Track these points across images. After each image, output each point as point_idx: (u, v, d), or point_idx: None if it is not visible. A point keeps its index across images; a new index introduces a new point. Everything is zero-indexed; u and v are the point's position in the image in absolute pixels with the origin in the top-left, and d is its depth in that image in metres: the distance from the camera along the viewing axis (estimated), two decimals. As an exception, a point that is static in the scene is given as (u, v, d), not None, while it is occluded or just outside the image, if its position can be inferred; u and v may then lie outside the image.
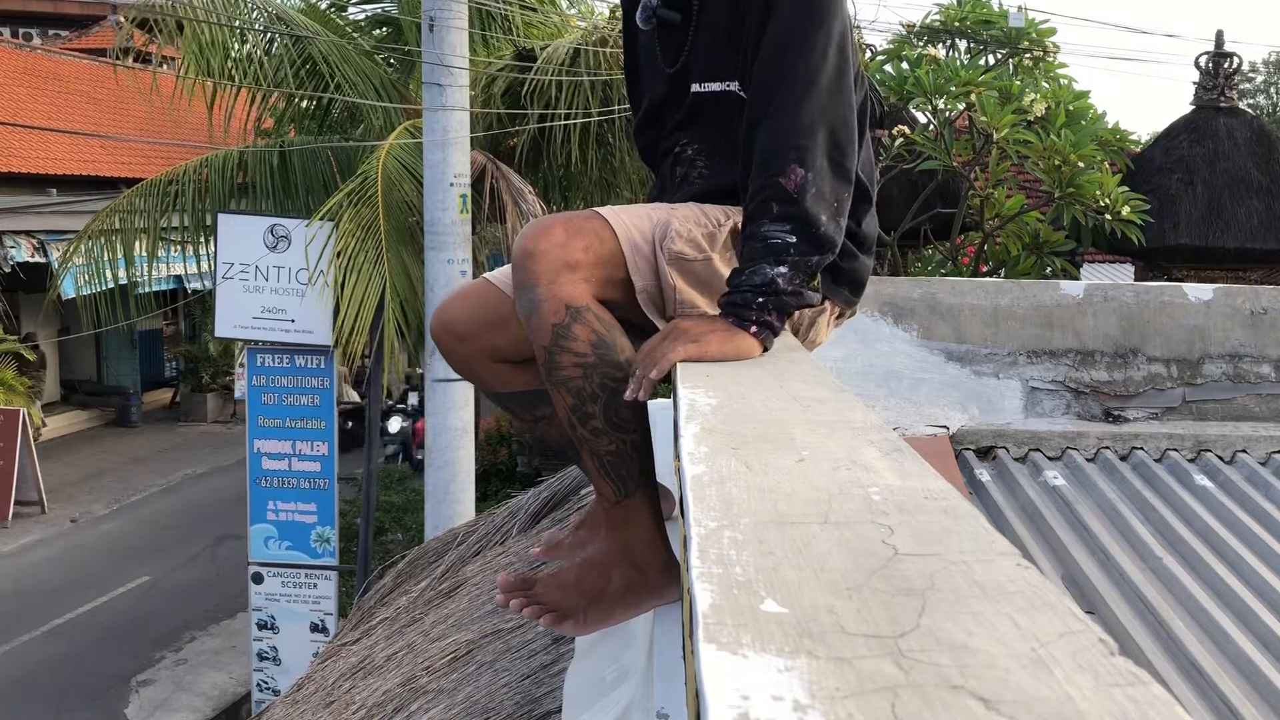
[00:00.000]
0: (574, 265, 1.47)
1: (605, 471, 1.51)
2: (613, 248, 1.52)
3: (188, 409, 19.85)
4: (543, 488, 3.86)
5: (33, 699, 9.66)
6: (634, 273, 1.54)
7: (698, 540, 0.74)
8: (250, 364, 9.04)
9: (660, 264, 1.55)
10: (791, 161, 1.51)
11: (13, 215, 13.88)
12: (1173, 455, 3.69)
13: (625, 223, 1.55)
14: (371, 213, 8.69)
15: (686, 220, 1.60)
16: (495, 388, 1.74)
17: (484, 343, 1.68)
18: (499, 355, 1.69)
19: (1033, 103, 9.06)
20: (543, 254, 1.46)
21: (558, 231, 1.48)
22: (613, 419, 1.47)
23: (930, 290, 3.87)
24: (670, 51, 1.78)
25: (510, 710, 2.26)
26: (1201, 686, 2.54)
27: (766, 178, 1.52)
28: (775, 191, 1.51)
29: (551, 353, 1.45)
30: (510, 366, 1.70)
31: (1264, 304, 3.91)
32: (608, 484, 1.52)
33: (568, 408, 1.48)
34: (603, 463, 1.51)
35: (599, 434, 1.48)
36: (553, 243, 1.46)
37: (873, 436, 1.04)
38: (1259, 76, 39.67)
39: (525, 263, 1.46)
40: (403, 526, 11.24)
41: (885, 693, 0.53)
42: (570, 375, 1.46)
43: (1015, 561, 0.71)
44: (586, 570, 1.60)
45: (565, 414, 1.49)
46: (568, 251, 1.47)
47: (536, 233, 1.48)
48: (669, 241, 1.56)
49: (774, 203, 1.51)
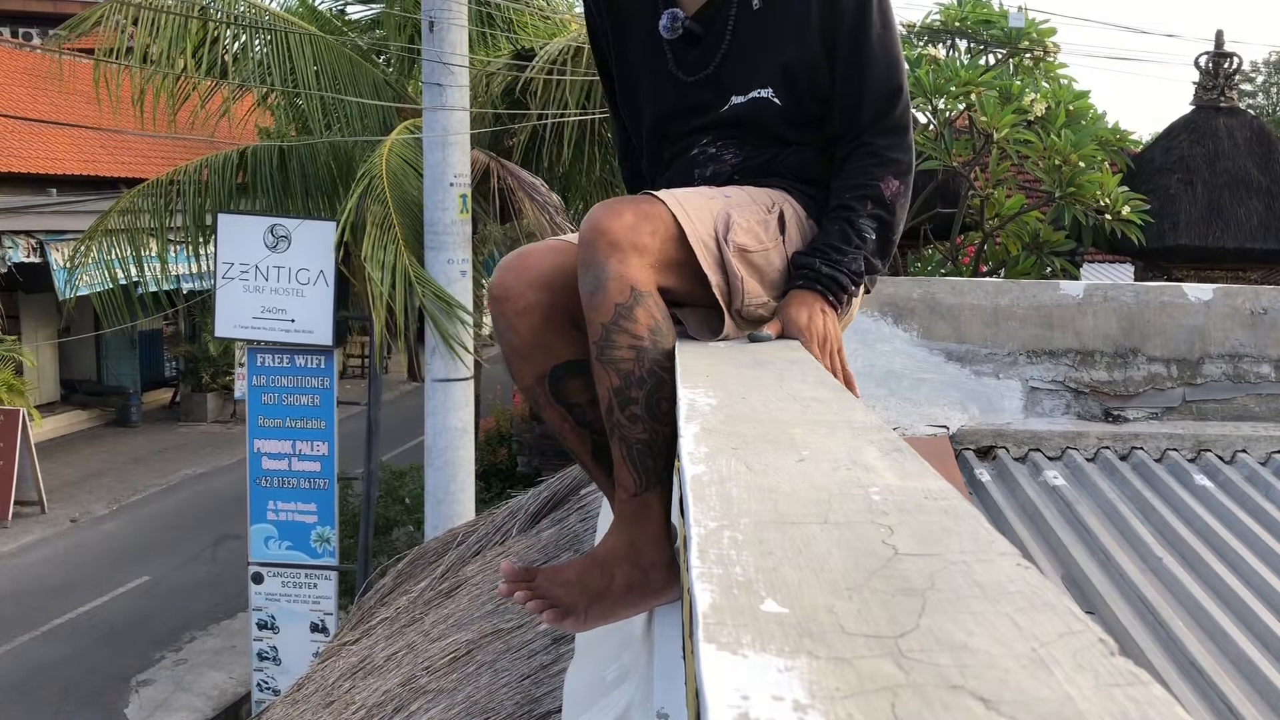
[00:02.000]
0: (642, 249, 1.50)
1: (632, 460, 1.52)
2: (675, 235, 1.56)
3: (188, 409, 19.84)
4: (543, 488, 3.86)
5: (33, 699, 9.66)
6: (706, 267, 1.59)
7: (698, 540, 0.74)
8: (250, 364, 9.04)
9: (727, 258, 1.61)
10: (890, 174, 1.73)
11: (13, 215, 13.88)
12: (1173, 455, 3.69)
13: (689, 214, 1.59)
14: (383, 209, 8.68)
15: (743, 209, 1.68)
16: (563, 355, 1.65)
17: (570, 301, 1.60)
18: (577, 318, 1.61)
19: (1033, 103, 9.06)
20: (614, 234, 1.49)
21: (628, 215, 1.52)
22: (652, 408, 1.50)
23: (930, 290, 3.87)
24: (690, 62, 1.83)
25: (510, 710, 2.26)
26: (1201, 686, 2.54)
27: (868, 179, 1.72)
28: (874, 191, 1.72)
29: (609, 331, 1.48)
30: (581, 333, 1.62)
31: (1264, 304, 3.91)
32: (631, 474, 1.53)
33: (611, 389, 1.49)
34: (632, 451, 1.51)
35: (635, 420, 1.50)
36: (624, 225, 1.50)
37: (873, 436, 1.04)
38: (1260, 76, 39.65)
39: (595, 240, 1.49)
40: (414, 521, 11.21)
41: (885, 693, 0.53)
42: (623, 356, 1.48)
43: (1015, 561, 0.71)
44: (589, 567, 1.60)
45: (607, 395, 1.50)
46: (637, 235, 1.51)
47: (607, 214, 1.52)
48: (733, 234, 1.63)
49: (870, 200, 1.71)
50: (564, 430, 1.71)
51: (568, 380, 1.66)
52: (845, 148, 1.77)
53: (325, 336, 8.74)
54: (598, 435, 1.68)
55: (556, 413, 1.70)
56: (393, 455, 13.69)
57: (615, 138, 2.12)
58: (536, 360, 1.66)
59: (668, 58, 1.85)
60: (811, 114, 1.80)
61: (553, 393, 1.67)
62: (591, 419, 1.67)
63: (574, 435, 1.70)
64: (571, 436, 1.71)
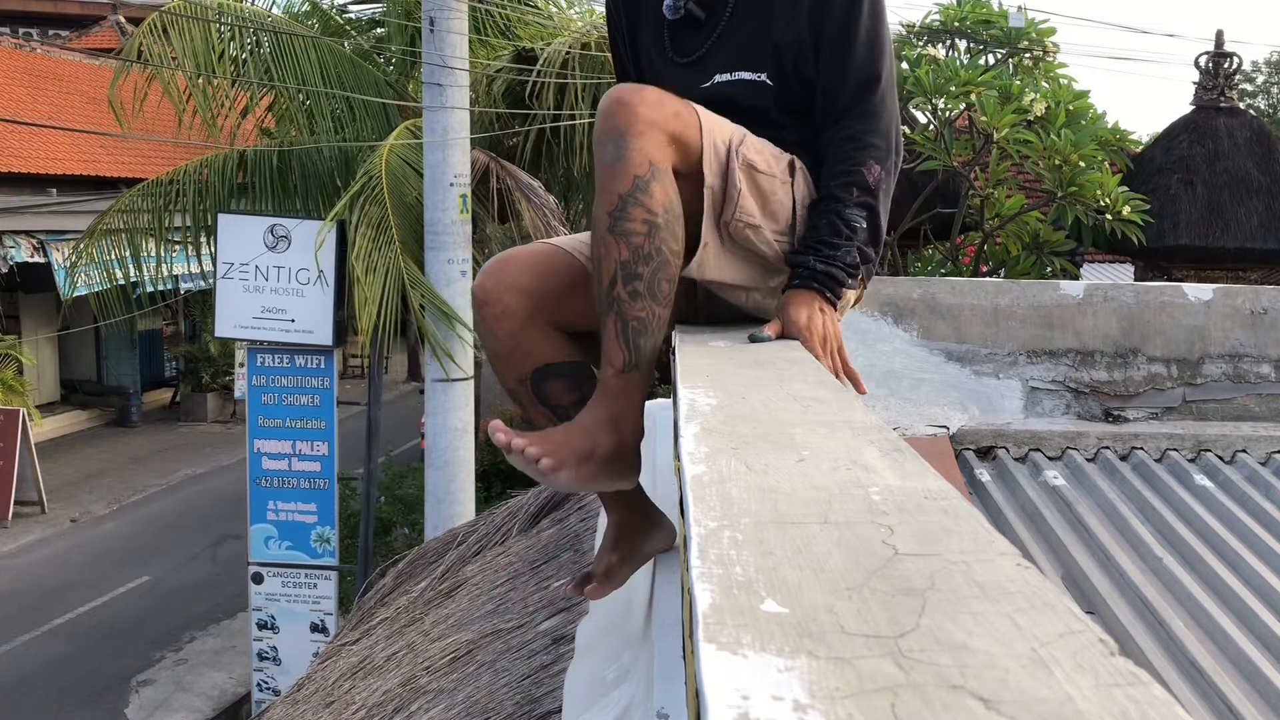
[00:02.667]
0: (663, 128, 1.52)
1: (625, 337, 1.52)
2: (694, 129, 1.59)
3: (188, 409, 19.84)
4: (543, 487, 3.86)
5: (33, 699, 9.66)
6: (707, 167, 1.60)
7: (698, 540, 0.74)
8: (250, 364, 9.04)
9: (732, 166, 1.62)
10: (871, 158, 1.71)
11: (13, 215, 13.88)
12: (1173, 455, 3.69)
13: (709, 118, 1.62)
14: (380, 210, 8.68)
15: (760, 140, 1.71)
16: (543, 358, 1.68)
17: (549, 303, 1.66)
18: (558, 322, 1.68)
19: (1033, 102, 9.06)
20: (637, 109, 1.51)
21: (651, 93, 1.54)
22: (654, 288, 1.51)
23: (930, 290, 3.87)
24: (684, 44, 1.84)
25: (510, 710, 2.26)
26: (1201, 686, 2.54)
27: (850, 164, 1.71)
28: (858, 178, 1.70)
29: (625, 203, 1.49)
30: (563, 336, 1.69)
31: (1264, 304, 3.90)
32: (622, 350, 1.52)
33: (617, 262, 1.50)
34: (627, 328, 1.52)
35: (636, 297, 1.50)
36: (648, 101, 1.52)
37: (873, 436, 1.04)
38: (1260, 76, 39.64)
39: (617, 111, 1.50)
40: (410, 522, 11.22)
41: (885, 693, 0.53)
42: (635, 229, 1.49)
43: (1015, 561, 0.71)
44: (574, 432, 1.58)
45: (612, 268, 1.50)
46: (661, 113, 1.53)
47: (631, 90, 1.54)
48: (744, 149, 1.65)
49: (855, 187, 1.70)
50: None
51: (550, 382, 1.67)
52: (826, 134, 1.78)
53: (325, 336, 8.74)
54: None
55: (541, 413, 1.71)
56: (393, 455, 13.69)
57: None
58: (516, 363, 1.67)
59: (665, 41, 1.86)
60: (800, 100, 1.80)
61: (535, 394, 1.68)
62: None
63: None
64: None
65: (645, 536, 1.83)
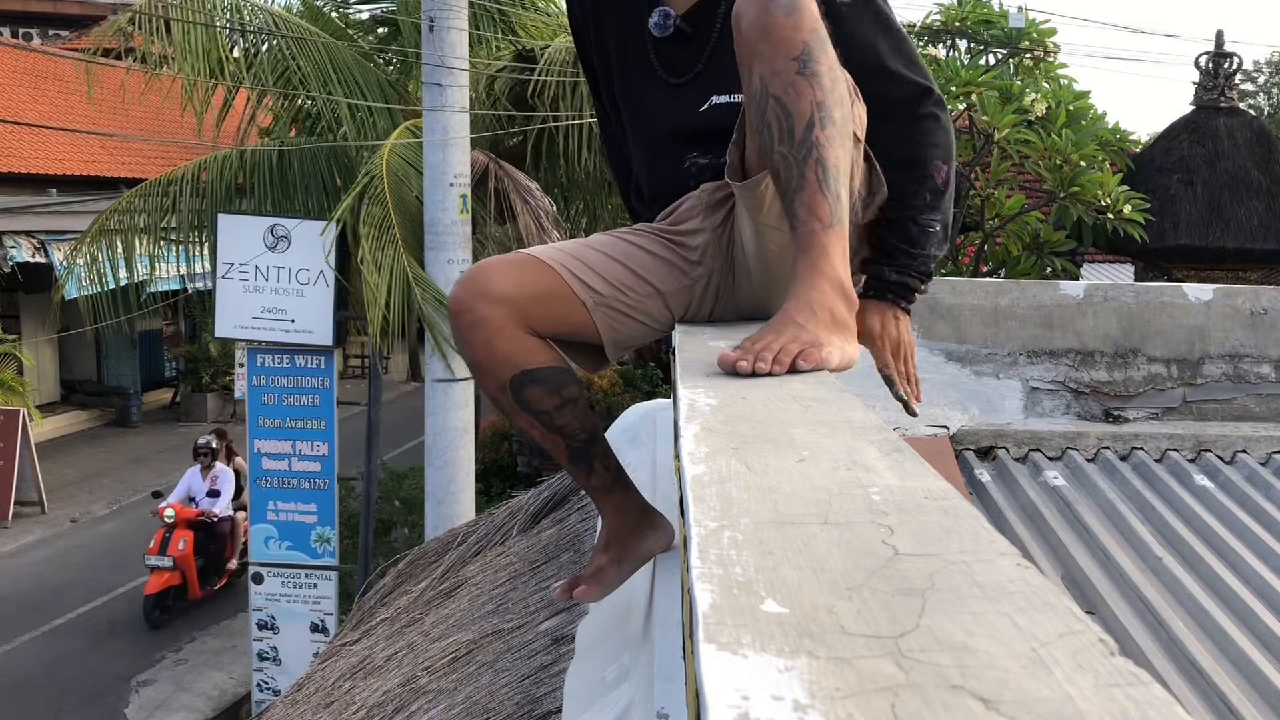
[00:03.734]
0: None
1: (827, 185, 1.41)
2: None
3: (188, 409, 19.83)
4: (543, 488, 3.86)
5: (33, 699, 9.66)
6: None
7: (698, 540, 0.74)
8: (250, 364, 9.04)
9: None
10: (938, 159, 1.67)
11: (13, 215, 13.87)
12: (1173, 455, 3.69)
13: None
14: (382, 210, 8.68)
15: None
16: (520, 365, 1.66)
17: (525, 311, 1.64)
18: (534, 328, 1.66)
19: (1033, 103, 9.07)
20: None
21: None
22: (844, 135, 1.44)
23: (930, 290, 3.87)
24: (675, 62, 1.76)
25: (510, 710, 2.26)
26: (1201, 686, 2.54)
27: (921, 167, 1.66)
28: (930, 182, 1.66)
29: (811, 47, 1.41)
30: (541, 341, 1.67)
31: (1264, 304, 3.91)
32: (826, 200, 1.41)
33: (813, 103, 1.40)
34: (828, 175, 1.41)
35: (832, 143, 1.41)
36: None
37: (873, 436, 1.04)
38: (1260, 76, 39.63)
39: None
40: (410, 522, 11.22)
41: (885, 693, 0.53)
42: (823, 72, 1.41)
43: (1015, 561, 0.71)
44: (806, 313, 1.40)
45: (807, 110, 1.41)
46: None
47: None
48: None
49: (928, 192, 1.66)
50: (536, 436, 1.70)
51: (529, 388, 1.65)
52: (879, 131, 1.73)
53: (325, 337, 8.73)
54: (569, 439, 1.69)
55: (525, 420, 1.69)
56: (393, 455, 13.68)
57: (601, 130, 2.06)
58: (493, 371, 1.66)
59: (653, 60, 1.77)
60: None
61: (517, 401, 1.67)
62: (560, 424, 1.67)
63: (547, 440, 1.69)
64: (545, 441, 1.70)
65: (639, 539, 1.82)
